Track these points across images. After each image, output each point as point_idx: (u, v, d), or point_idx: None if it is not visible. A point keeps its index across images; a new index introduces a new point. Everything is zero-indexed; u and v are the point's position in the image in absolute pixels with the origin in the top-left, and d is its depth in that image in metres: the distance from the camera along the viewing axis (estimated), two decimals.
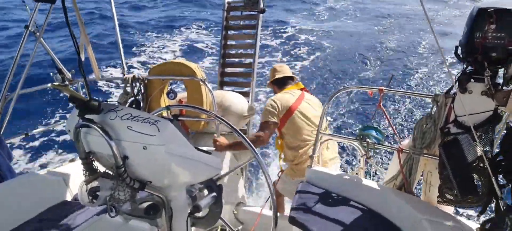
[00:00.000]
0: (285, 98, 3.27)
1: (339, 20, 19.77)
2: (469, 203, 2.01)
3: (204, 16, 18.69)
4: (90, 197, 1.25)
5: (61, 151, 7.33)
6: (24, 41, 3.11)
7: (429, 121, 2.27)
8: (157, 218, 1.35)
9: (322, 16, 20.48)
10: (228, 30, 4.51)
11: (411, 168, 2.37)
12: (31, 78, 3.55)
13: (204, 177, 1.52)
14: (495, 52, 1.85)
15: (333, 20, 19.60)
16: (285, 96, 3.31)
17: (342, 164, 7.10)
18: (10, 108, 3.15)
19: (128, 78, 3.67)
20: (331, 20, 19.60)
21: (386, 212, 2.31)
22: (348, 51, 15.00)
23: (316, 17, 20.25)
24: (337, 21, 19.65)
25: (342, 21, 19.76)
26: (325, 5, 22.76)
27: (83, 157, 1.25)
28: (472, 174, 1.94)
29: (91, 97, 1.21)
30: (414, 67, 13.22)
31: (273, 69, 3.62)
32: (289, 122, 3.20)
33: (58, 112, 8.88)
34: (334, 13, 21.34)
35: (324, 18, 20.09)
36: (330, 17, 20.32)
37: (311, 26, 18.12)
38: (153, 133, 1.13)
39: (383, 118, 7.50)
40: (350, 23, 19.35)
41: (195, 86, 3.58)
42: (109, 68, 11.08)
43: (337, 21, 19.65)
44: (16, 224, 2.29)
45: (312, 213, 2.33)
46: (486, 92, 1.93)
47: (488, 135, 1.97)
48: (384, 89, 2.54)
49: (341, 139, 3.22)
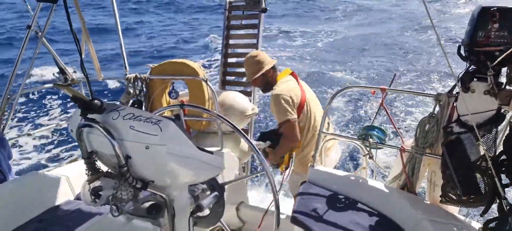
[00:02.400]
0: (294, 89, 2.96)
1: (341, 21, 19.76)
2: (472, 202, 2.01)
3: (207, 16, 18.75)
4: (93, 197, 1.26)
5: (63, 151, 7.36)
6: (26, 41, 3.12)
7: (431, 120, 2.26)
8: (160, 217, 1.36)
9: (324, 17, 20.48)
10: (230, 29, 4.50)
11: (414, 168, 2.37)
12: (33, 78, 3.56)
13: (206, 177, 1.52)
14: (498, 51, 1.85)
15: (336, 21, 19.59)
16: (291, 86, 2.99)
17: (345, 164, 7.10)
18: (13, 108, 3.16)
19: (130, 78, 3.67)
20: (334, 21, 19.59)
21: (389, 212, 2.31)
22: (349, 51, 14.99)
23: (320, 18, 20.26)
24: (340, 21, 19.63)
25: (343, 21, 19.74)
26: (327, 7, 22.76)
27: (85, 156, 1.25)
28: (475, 174, 1.93)
29: (94, 97, 1.21)
30: (417, 67, 13.19)
31: (256, 61, 3.02)
32: (302, 114, 2.98)
33: (60, 112, 8.91)
34: (337, 14, 21.32)
35: (327, 18, 20.09)
36: (332, 18, 20.31)
37: (312, 27, 18.13)
38: (155, 133, 1.13)
39: (386, 117, 7.49)
40: (352, 23, 19.34)
41: (197, 85, 3.58)
42: (111, 68, 11.12)
43: (340, 21, 19.63)
44: (19, 223, 2.29)
45: (314, 213, 2.33)
46: (489, 92, 1.92)
47: (491, 134, 1.96)
48: (386, 88, 2.54)
49: (343, 139, 3.21)
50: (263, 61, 3.02)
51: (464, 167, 1.94)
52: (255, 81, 3.08)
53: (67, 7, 1.19)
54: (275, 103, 2.89)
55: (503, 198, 1.83)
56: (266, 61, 3.03)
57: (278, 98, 2.88)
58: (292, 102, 2.88)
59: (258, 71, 3.01)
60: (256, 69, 3.02)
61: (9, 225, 2.25)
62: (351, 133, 8.46)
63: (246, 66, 3.11)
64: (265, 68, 3.01)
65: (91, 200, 1.26)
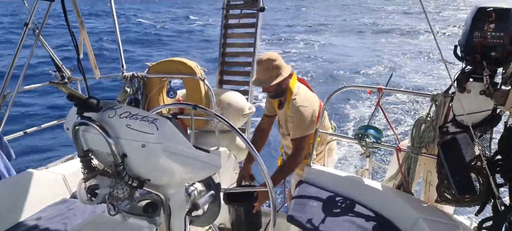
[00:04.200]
0: (314, 100, 2.77)
1: (340, 21, 19.76)
2: (467, 202, 2.02)
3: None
4: (89, 195, 1.25)
5: (59, 149, 7.33)
6: (23, 38, 3.10)
7: (427, 120, 2.27)
8: (156, 216, 1.35)
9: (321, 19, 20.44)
10: (227, 28, 4.50)
11: (410, 167, 2.38)
12: (30, 76, 3.55)
13: (202, 175, 1.52)
14: (494, 51, 1.86)
15: (332, 23, 19.58)
16: (310, 95, 2.78)
17: (342, 164, 7.11)
18: (9, 106, 3.15)
19: (127, 77, 3.67)
20: (330, 23, 19.59)
21: (384, 211, 2.32)
22: (350, 50, 15.02)
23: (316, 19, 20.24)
24: (338, 22, 19.63)
25: (346, 20, 19.74)
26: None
27: (81, 155, 1.25)
28: (470, 173, 1.95)
29: (90, 95, 1.21)
30: (413, 67, 13.24)
31: (275, 66, 2.62)
32: (319, 122, 2.76)
33: (56, 110, 8.88)
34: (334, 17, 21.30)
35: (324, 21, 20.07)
36: (328, 19, 20.29)
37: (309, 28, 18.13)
38: (152, 131, 1.13)
39: (382, 117, 7.52)
40: (353, 22, 19.35)
41: (194, 84, 3.58)
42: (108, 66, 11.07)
43: (338, 22, 19.63)
44: (15, 221, 2.29)
45: (311, 212, 2.34)
46: (484, 92, 1.94)
47: (487, 134, 1.98)
48: (383, 88, 2.55)
49: (340, 138, 3.22)
50: (282, 67, 2.65)
51: (460, 166, 1.96)
52: (268, 88, 2.67)
53: (64, 5, 1.19)
54: (298, 116, 2.63)
55: (498, 197, 1.84)
56: (284, 67, 2.67)
57: (304, 111, 2.63)
58: (315, 116, 2.69)
59: (276, 77, 2.62)
60: (274, 75, 2.62)
61: (5, 223, 2.24)
62: (346, 132, 8.48)
63: (262, 70, 2.64)
64: (284, 76, 2.64)
65: (87, 199, 1.25)
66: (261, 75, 2.65)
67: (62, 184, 2.71)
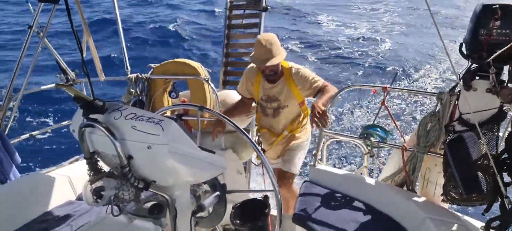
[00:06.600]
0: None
1: (344, 21, 19.73)
2: (474, 201, 2.01)
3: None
4: (95, 197, 1.25)
5: (65, 151, 7.36)
6: (27, 41, 3.12)
7: (433, 119, 2.26)
8: (161, 217, 1.36)
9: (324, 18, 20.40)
10: (231, 29, 4.50)
11: (415, 166, 2.36)
12: (35, 78, 3.56)
13: (208, 176, 1.52)
14: (500, 49, 1.84)
15: (336, 22, 19.54)
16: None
17: (346, 163, 7.09)
18: (15, 109, 3.17)
19: (131, 78, 3.67)
20: (335, 22, 19.55)
21: (391, 210, 2.30)
22: (351, 50, 14.98)
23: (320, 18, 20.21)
24: (341, 21, 19.61)
25: (348, 20, 19.72)
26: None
27: (87, 156, 1.25)
28: (477, 172, 1.93)
29: (95, 97, 1.21)
30: (418, 65, 13.16)
31: (277, 44, 2.68)
32: None
33: (62, 112, 8.92)
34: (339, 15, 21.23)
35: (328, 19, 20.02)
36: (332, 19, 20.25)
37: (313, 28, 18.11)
38: (157, 132, 1.13)
39: (387, 116, 7.48)
40: (354, 22, 19.32)
41: (199, 85, 3.58)
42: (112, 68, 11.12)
43: (341, 21, 19.61)
44: (21, 223, 2.30)
45: (316, 212, 2.33)
46: (491, 90, 1.92)
47: (493, 132, 1.96)
48: (388, 87, 2.53)
49: (345, 138, 3.21)
50: (280, 48, 2.71)
51: (466, 165, 1.94)
52: (270, 67, 2.69)
53: (69, 7, 1.19)
54: (305, 73, 2.79)
55: (505, 196, 1.83)
56: (282, 48, 2.75)
57: (305, 70, 2.84)
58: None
59: (280, 56, 2.68)
60: (279, 51, 2.68)
61: (11, 226, 2.25)
62: (351, 131, 8.45)
63: (262, 49, 2.64)
64: (284, 55, 2.71)
65: (93, 201, 1.25)
66: (262, 54, 2.64)
67: (68, 186, 2.72)
